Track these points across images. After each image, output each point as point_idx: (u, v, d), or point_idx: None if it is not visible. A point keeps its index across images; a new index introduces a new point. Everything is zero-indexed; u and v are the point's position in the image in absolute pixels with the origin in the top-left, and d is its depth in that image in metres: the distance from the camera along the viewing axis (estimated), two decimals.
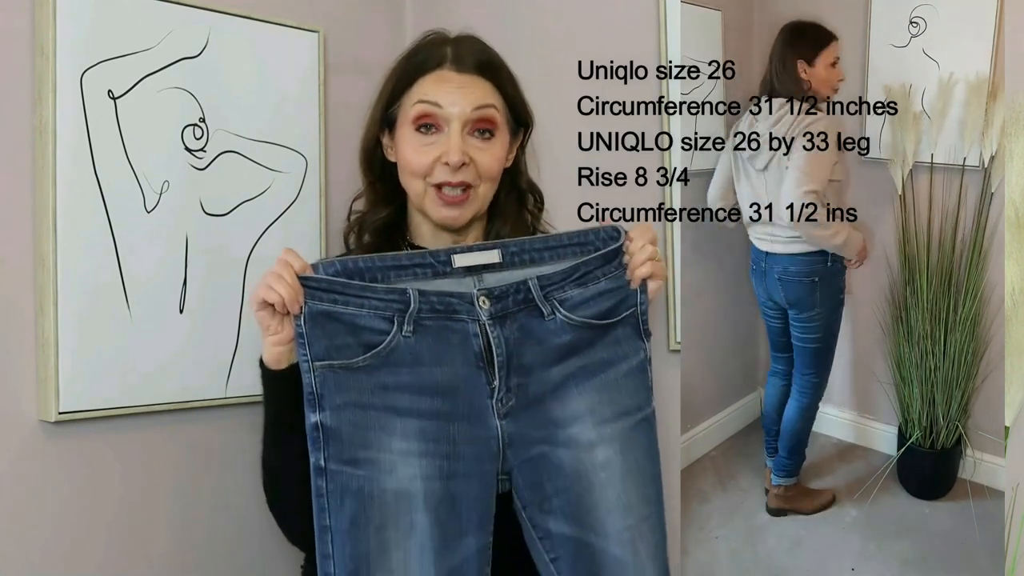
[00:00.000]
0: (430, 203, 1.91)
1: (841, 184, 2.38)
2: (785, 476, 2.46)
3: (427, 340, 1.72)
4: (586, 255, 1.80)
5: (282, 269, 1.68)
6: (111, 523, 2.14)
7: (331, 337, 1.68)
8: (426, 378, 1.72)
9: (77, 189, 2.04)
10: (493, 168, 1.92)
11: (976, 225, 2.19)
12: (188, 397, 2.18)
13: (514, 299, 1.76)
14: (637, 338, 1.83)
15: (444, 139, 1.89)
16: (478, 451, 1.74)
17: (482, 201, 1.94)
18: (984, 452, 2.21)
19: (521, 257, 1.79)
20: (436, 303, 1.72)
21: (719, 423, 2.53)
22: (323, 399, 1.67)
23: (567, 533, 1.77)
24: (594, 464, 1.78)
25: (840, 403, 2.53)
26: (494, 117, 1.92)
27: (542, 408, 1.78)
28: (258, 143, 2.31)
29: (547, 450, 1.78)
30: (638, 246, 1.82)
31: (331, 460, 1.67)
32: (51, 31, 2.01)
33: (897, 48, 2.28)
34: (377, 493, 1.68)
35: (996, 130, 2.12)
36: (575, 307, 1.78)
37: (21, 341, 2.02)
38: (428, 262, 1.74)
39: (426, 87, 1.92)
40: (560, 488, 1.77)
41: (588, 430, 1.79)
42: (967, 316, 2.23)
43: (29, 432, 2.03)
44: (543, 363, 1.78)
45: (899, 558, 2.31)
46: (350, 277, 1.69)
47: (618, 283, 1.81)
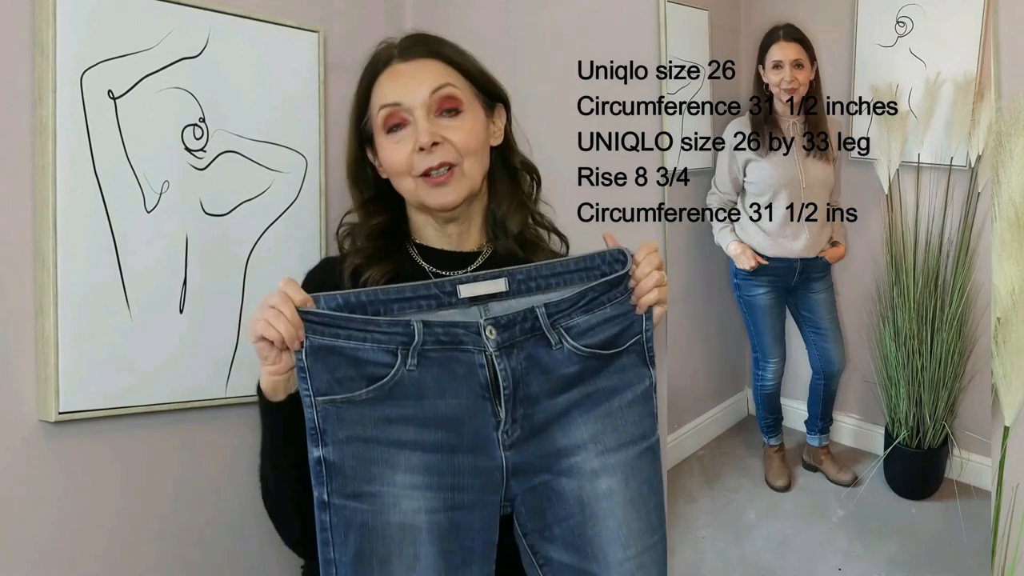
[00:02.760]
0: (423, 193, 1.91)
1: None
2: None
3: (432, 372, 1.70)
4: (592, 280, 1.78)
5: (282, 304, 1.64)
6: (111, 523, 2.13)
7: (333, 371, 1.65)
8: (430, 411, 1.70)
9: (77, 189, 2.03)
10: (469, 143, 1.91)
11: (963, 225, 2.20)
12: (188, 397, 2.18)
13: (521, 328, 1.74)
14: (642, 366, 1.83)
15: (413, 128, 1.90)
16: (483, 482, 1.73)
17: (471, 178, 1.93)
18: (971, 452, 2.21)
19: (528, 285, 1.76)
20: (441, 335, 1.70)
21: (706, 423, 2.53)
22: (325, 434, 1.65)
23: (567, 562, 1.77)
24: (596, 493, 1.77)
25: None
26: (455, 94, 1.92)
27: (547, 437, 1.77)
28: (258, 143, 2.31)
29: (550, 479, 1.77)
30: (645, 272, 1.80)
31: (334, 495, 1.65)
32: (51, 31, 2.00)
33: (884, 48, 2.28)
34: (380, 526, 1.67)
35: (983, 130, 2.13)
36: (581, 334, 1.76)
37: (21, 341, 2.01)
38: (433, 293, 1.71)
39: (382, 90, 1.93)
40: (562, 516, 1.77)
41: (591, 459, 1.78)
42: (954, 316, 2.23)
43: (29, 432, 2.02)
44: (549, 393, 1.76)
45: (886, 558, 2.31)
46: (352, 311, 1.66)
47: (624, 309, 1.80)
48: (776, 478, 2.46)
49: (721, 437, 2.55)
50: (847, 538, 2.36)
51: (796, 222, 2.37)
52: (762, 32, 2.41)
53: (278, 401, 1.74)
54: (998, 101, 2.09)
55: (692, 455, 2.50)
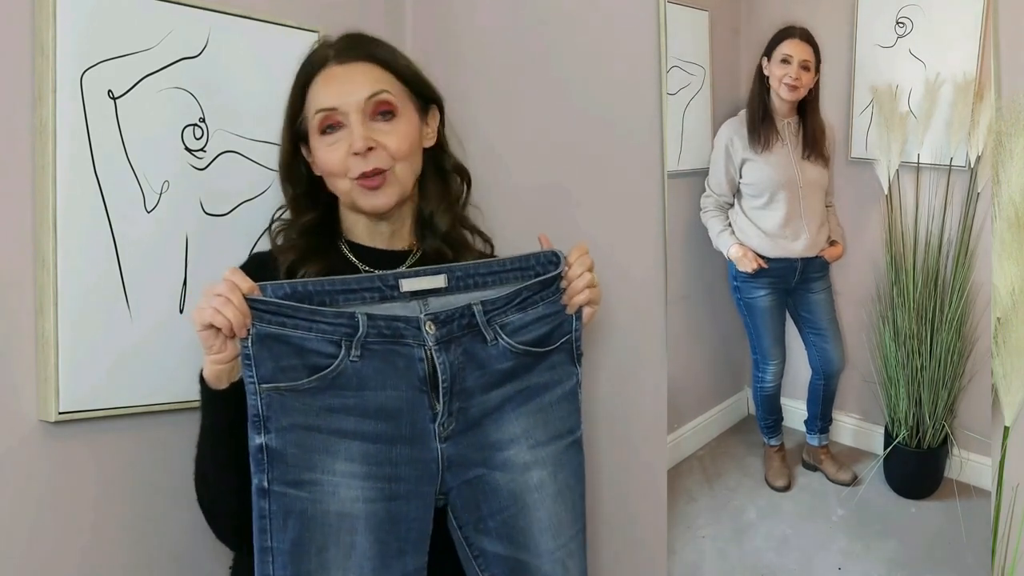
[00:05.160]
0: (358, 196, 1.94)
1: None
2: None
3: (374, 364, 1.74)
4: (527, 279, 1.85)
5: (229, 291, 1.67)
6: (111, 523, 2.14)
7: (278, 359, 1.68)
8: (371, 401, 1.74)
9: (77, 189, 2.04)
10: (402, 147, 1.94)
11: (962, 225, 2.19)
12: (188, 397, 2.15)
13: (459, 324, 1.79)
14: (570, 363, 1.90)
15: (348, 132, 1.92)
16: (419, 473, 1.78)
17: (403, 182, 1.96)
18: (970, 452, 2.21)
19: (466, 281, 1.83)
20: (384, 327, 1.74)
21: (706, 423, 2.53)
22: (268, 421, 1.68)
23: (501, 552, 1.83)
24: (528, 486, 1.85)
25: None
26: (389, 99, 1.95)
27: (480, 431, 1.83)
28: (258, 143, 2.31)
29: (484, 472, 1.83)
30: (576, 273, 1.87)
31: (275, 482, 1.68)
32: (51, 31, 2.00)
33: (883, 48, 2.28)
34: (320, 515, 1.70)
35: (982, 130, 2.12)
36: (515, 331, 1.83)
37: (21, 341, 2.01)
38: (376, 286, 1.76)
39: (318, 93, 1.96)
40: (495, 509, 1.83)
41: (523, 452, 1.85)
42: (953, 316, 2.22)
43: (29, 432, 2.02)
44: (484, 387, 1.82)
45: (885, 557, 2.31)
46: (299, 300, 1.70)
47: (555, 308, 1.87)
48: (776, 478, 2.46)
49: (721, 437, 2.55)
50: (847, 538, 2.36)
51: (796, 222, 2.37)
52: (764, 31, 2.41)
53: (220, 390, 1.77)
54: (998, 101, 2.09)
55: (692, 455, 2.50)
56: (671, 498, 2.42)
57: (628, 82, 2.43)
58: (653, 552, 2.44)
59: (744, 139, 2.39)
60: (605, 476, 2.42)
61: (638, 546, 2.46)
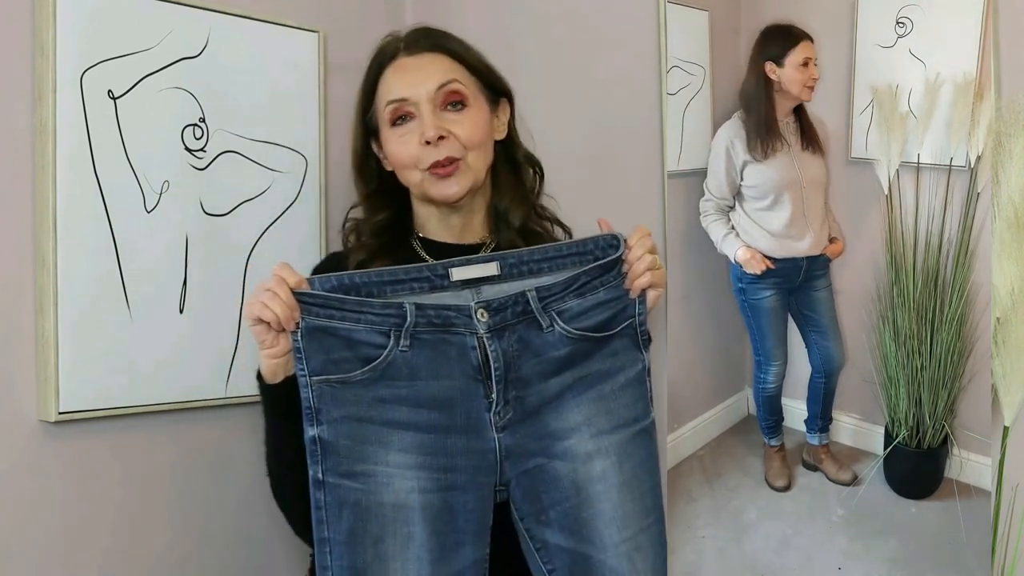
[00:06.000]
0: (430, 187, 1.93)
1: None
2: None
3: (424, 353, 1.72)
4: (585, 265, 1.80)
5: (277, 286, 1.67)
6: (111, 523, 2.14)
7: (328, 352, 1.68)
8: (423, 391, 1.72)
9: (77, 189, 2.04)
10: (474, 136, 1.93)
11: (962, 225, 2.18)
12: (188, 397, 2.18)
13: (512, 311, 1.76)
14: (635, 349, 1.84)
15: (419, 122, 1.91)
16: (476, 463, 1.76)
17: (475, 171, 1.94)
18: (970, 452, 2.21)
19: (520, 269, 1.79)
20: (433, 316, 1.72)
21: (706, 423, 2.53)
22: (320, 413, 1.68)
23: (564, 545, 1.79)
24: (591, 476, 1.79)
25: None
26: (460, 89, 1.94)
27: (539, 420, 1.79)
28: (258, 143, 2.32)
29: (544, 462, 1.79)
30: (637, 255, 1.81)
31: (329, 473, 1.68)
32: (51, 31, 2.00)
33: (883, 48, 2.27)
34: (375, 506, 1.69)
35: (982, 130, 2.11)
36: (573, 318, 1.78)
37: (21, 341, 2.02)
38: (425, 275, 1.74)
39: (389, 84, 1.95)
40: (557, 500, 1.79)
41: (585, 442, 1.80)
42: (953, 316, 2.22)
43: (29, 432, 2.03)
44: (541, 375, 1.78)
45: (885, 557, 2.31)
46: (346, 292, 1.69)
47: (617, 293, 1.81)
48: (776, 478, 2.46)
49: (721, 437, 2.55)
50: (847, 538, 2.36)
51: (801, 221, 2.37)
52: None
53: (277, 383, 1.76)
54: (998, 101, 2.09)
55: (692, 455, 2.50)
56: (671, 498, 2.41)
57: (628, 82, 2.43)
58: None
59: (744, 142, 2.38)
60: None
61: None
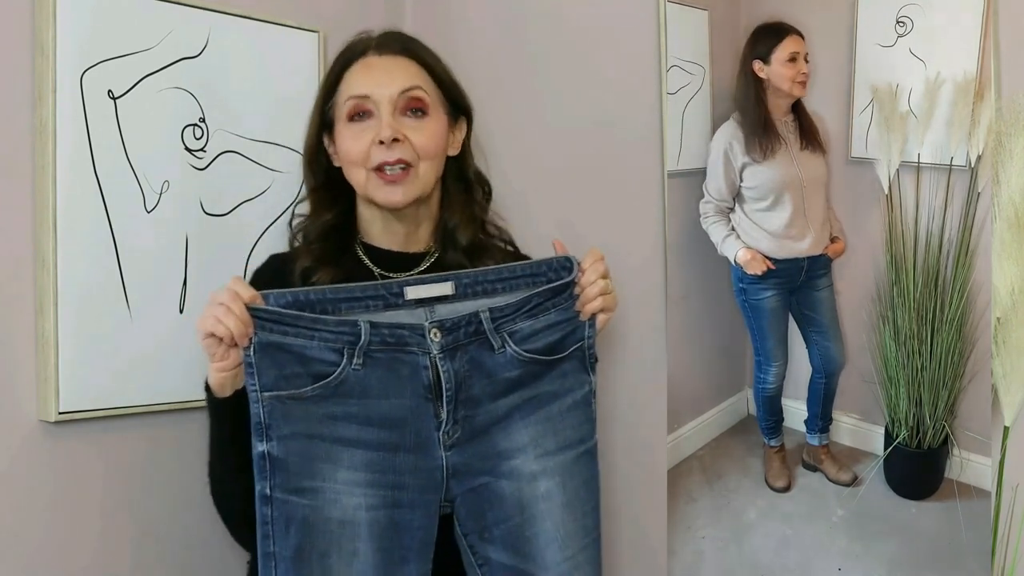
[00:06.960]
0: (373, 188, 1.92)
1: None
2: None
3: (377, 372, 1.73)
4: (538, 286, 1.82)
5: (231, 301, 1.67)
6: (111, 523, 2.14)
7: (280, 367, 1.68)
8: (374, 409, 1.74)
9: (77, 189, 2.04)
10: (429, 146, 1.93)
11: (963, 225, 2.18)
12: (188, 397, 2.16)
13: (465, 331, 1.78)
14: (583, 371, 1.87)
15: (376, 122, 1.90)
16: (423, 481, 1.77)
17: (424, 181, 1.94)
18: (971, 452, 2.21)
19: (474, 288, 1.80)
20: (387, 335, 1.73)
21: (706, 423, 2.53)
22: (271, 429, 1.68)
23: (507, 562, 1.81)
24: (535, 495, 1.82)
25: None
26: (422, 97, 1.94)
27: (487, 439, 1.81)
28: (258, 143, 2.32)
29: (490, 481, 1.81)
30: (590, 280, 1.84)
31: (277, 489, 1.68)
32: (51, 31, 2.00)
33: (884, 48, 2.27)
34: (322, 522, 1.70)
35: (983, 130, 2.11)
36: (525, 339, 1.80)
37: (21, 341, 2.02)
38: (380, 293, 1.75)
39: (353, 80, 1.95)
40: (501, 518, 1.81)
41: (531, 462, 1.82)
42: (953, 316, 2.22)
43: (29, 432, 2.03)
44: (491, 396, 1.81)
45: (885, 558, 2.31)
46: (301, 309, 1.69)
47: (567, 315, 1.84)
48: (776, 478, 2.46)
49: (721, 437, 2.55)
50: (847, 538, 2.36)
51: (801, 221, 2.37)
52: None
53: (225, 397, 1.77)
54: (998, 101, 2.09)
55: (692, 455, 2.50)
56: (671, 498, 2.42)
57: (628, 82, 2.43)
58: (653, 552, 2.44)
59: (742, 143, 2.38)
60: (605, 476, 2.40)
61: (638, 546, 2.46)
